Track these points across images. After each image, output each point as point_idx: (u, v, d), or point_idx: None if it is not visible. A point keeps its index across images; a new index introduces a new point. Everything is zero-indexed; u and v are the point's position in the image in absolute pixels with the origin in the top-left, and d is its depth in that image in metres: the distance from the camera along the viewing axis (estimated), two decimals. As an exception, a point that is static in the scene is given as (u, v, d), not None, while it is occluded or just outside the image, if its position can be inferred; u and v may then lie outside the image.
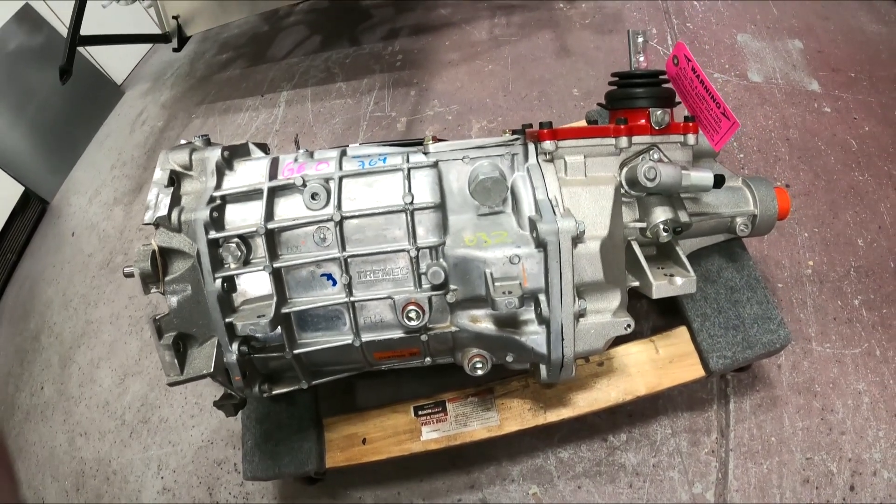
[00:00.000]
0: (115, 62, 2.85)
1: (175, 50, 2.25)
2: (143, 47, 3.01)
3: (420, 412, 1.14)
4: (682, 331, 1.18)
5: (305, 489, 1.32)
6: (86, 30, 2.06)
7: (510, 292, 0.88)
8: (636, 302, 1.36)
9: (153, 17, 2.74)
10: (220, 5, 2.09)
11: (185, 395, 1.54)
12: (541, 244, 0.89)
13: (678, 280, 1.03)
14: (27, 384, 1.77)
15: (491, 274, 0.90)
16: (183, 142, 1.03)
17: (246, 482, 1.38)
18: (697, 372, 1.14)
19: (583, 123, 1.38)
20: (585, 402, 1.12)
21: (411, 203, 0.92)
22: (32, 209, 2.26)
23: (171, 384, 0.94)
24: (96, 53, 2.72)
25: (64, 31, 2.51)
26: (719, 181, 1.02)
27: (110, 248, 1.99)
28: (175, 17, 2.18)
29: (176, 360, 0.93)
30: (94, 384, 1.68)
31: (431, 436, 1.13)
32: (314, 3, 2.46)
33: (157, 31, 2.38)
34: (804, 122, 1.60)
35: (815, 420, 1.22)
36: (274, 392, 1.05)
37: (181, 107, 2.50)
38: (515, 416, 1.12)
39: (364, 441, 1.15)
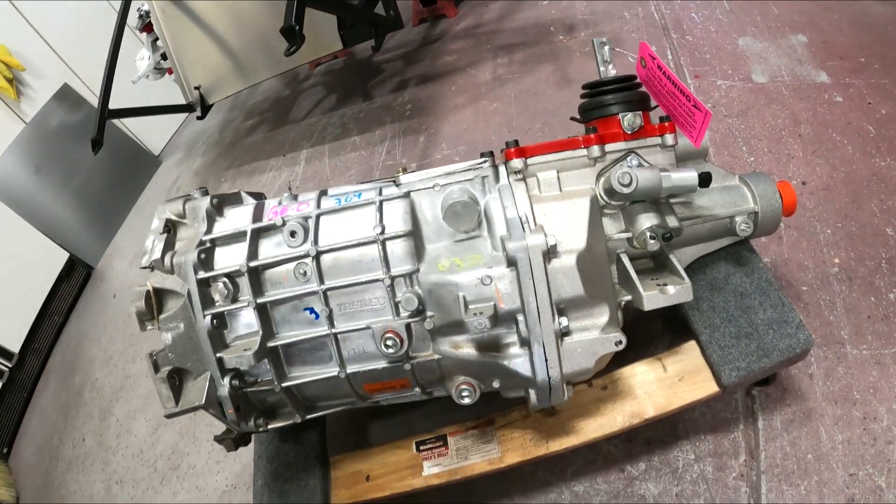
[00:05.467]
0: (152, 134, 3.16)
1: (199, 118, 2.45)
2: (178, 119, 3.31)
3: (422, 447, 1.13)
4: (692, 346, 1.12)
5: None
6: (123, 104, 2.29)
7: (481, 313, 0.88)
8: (649, 322, 1.30)
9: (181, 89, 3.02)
10: (236, 73, 2.27)
11: (212, 442, 1.60)
12: (511, 262, 0.89)
13: (671, 289, 0.99)
14: (70, 437, 1.89)
15: (464, 297, 0.91)
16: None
17: (266, 526, 1.40)
18: (710, 388, 1.07)
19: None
20: (590, 428, 1.08)
21: (382, 233, 0.94)
22: (77, 274, 2.47)
23: (168, 416, 1.00)
24: (134, 127, 3.01)
25: None
26: (705, 179, 0.99)
27: (147, 306, 2.13)
28: (196, 88, 2.38)
29: (171, 393, 0.99)
30: (130, 434, 1.77)
31: (433, 470, 1.11)
32: (330, 64, 2.64)
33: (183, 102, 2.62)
34: (815, 115, 1.53)
35: (857, 431, 1.12)
36: (270, 426, 1.07)
37: (211, 172, 2.70)
38: (517, 447, 1.09)
39: (368, 478, 1.15)
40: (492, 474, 1.09)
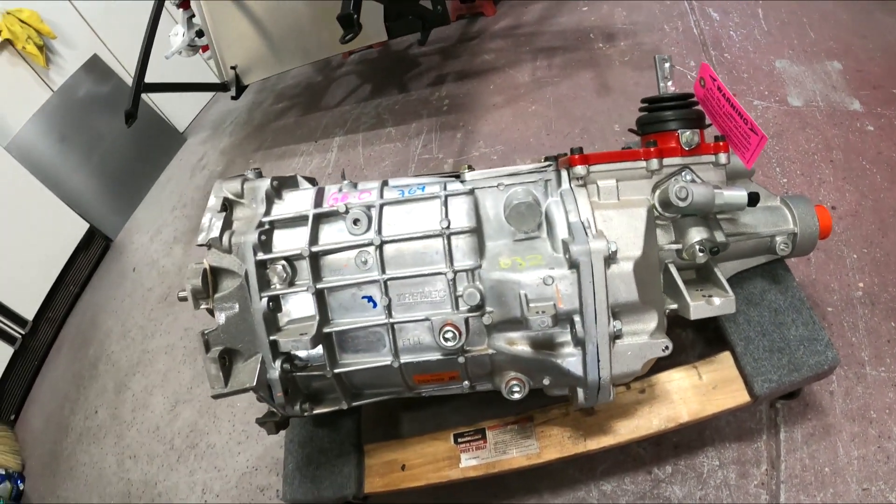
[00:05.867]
0: (178, 111, 3.15)
1: (233, 98, 2.45)
2: (205, 97, 3.31)
3: (460, 440, 1.16)
4: (726, 356, 1.17)
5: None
6: (150, 78, 2.28)
7: (544, 312, 0.91)
8: (681, 331, 1.35)
9: (213, 68, 3.00)
10: (274, 56, 2.27)
11: (234, 422, 1.61)
12: (573, 265, 0.92)
13: (716, 300, 1.04)
14: (82, 408, 1.89)
15: (525, 295, 0.94)
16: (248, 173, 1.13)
17: (286, 506, 1.42)
18: (742, 397, 1.12)
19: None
20: (627, 429, 1.12)
21: (448, 227, 0.97)
22: (96, 245, 2.47)
23: (215, 396, 0.99)
24: (161, 103, 3.01)
25: (129, 81, 2.79)
26: (753, 199, 1.03)
27: (169, 283, 2.14)
28: (233, 68, 2.38)
29: (221, 374, 0.98)
30: (147, 410, 1.77)
31: (470, 463, 1.14)
32: (365, 53, 2.65)
33: (216, 81, 2.61)
34: (847, 142, 1.59)
35: (872, 448, 1.17)
36: (315, 411, 1.09)
37: (239, 153, 2.69)
38: (555, 443, 1.12)
39: (403, 467, 1.18)
40: (523, 470, 1.13)
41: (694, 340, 1.34)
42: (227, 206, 1.08)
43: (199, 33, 2.31)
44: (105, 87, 2.69)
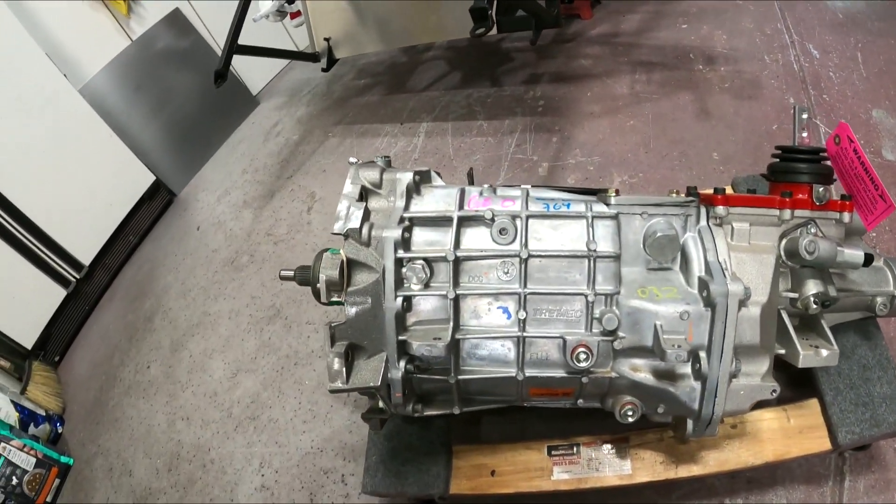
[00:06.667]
0: (252, 74, 3.13)
1: (324, 70, 2.44)
2: (280, 63, 3.29)
3: (553, 452, 1.21)
4: (814, 403, 1.23)
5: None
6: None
7: (679, 346, 0.96)
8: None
9: (291, 36, 2.95)
10: (371, 33, 2.26)
11: (300, 400, 1.63)
12: (710, 304, 0.97)
13: (823, 352, 1.10)
14: (133, 360, 1.88)
15: (661, 326, 0.99)
16: (352, 159, 1.13)
17: (351, 495, 1.46)
18: (825, 445, 1.19)
19: (729, 189, 1.46)
20: (716, 461, 1.18)
21: (594, 250, 1.01)
22: (160, 199, 2.47)
23: (333, 391, 1.01)
24: (236, 64, 2.97)
25: (208, 39, 2.77)
26: (869, 259, 1.09)
27: (236, 247, 2.14)
28: (326, 39, 2.36)
29: (344, 369, 0.99)
30: (204, 373, 1.78)
31: (562, 476, 1.19)
32: (454, 40, 2.63)
33: (294, 48, 2.56)
34: (937, 204, 1.64)
35: (927, 507, 1.25)
36: (425, 413, 1.12)
37: (317, 124, 2.66)
38: (647, 467, 1.18)
39: (493, 473, 1.22)
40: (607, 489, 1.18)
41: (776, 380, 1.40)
42: (364, 195, 1.09)
43: (290, -1, 2.31)
44: (183, 43, 2.68)
